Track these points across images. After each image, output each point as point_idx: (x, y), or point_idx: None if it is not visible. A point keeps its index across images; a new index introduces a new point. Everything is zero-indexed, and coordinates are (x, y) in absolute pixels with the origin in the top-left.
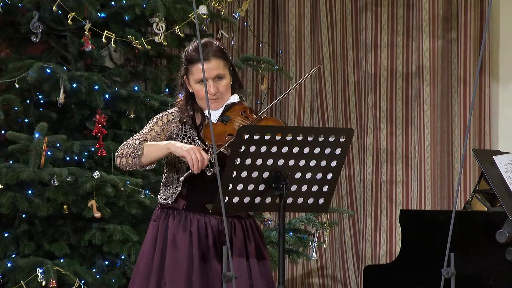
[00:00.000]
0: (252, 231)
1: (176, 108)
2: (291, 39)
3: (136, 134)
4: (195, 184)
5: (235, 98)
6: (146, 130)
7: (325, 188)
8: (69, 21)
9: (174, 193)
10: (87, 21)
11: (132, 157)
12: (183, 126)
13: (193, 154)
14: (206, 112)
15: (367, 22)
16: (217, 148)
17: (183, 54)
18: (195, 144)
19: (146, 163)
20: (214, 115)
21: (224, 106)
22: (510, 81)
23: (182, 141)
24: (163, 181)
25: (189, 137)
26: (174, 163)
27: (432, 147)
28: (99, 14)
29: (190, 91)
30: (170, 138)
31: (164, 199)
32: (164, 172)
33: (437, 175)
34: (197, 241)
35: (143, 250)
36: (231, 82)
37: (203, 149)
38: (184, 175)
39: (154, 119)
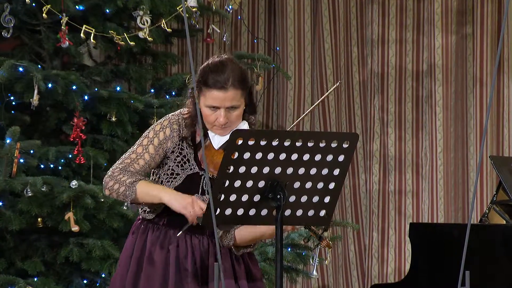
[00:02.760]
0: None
1: (176, 118)
2: (290, 34)
3: (128, 156)
4: None
5: (245, 127)
6: (140, 150)
7: (327, 199)
8: (44, 15)
9: (155, 210)
10: (64, 14)
11: (123, 197)
12: (180, 143)
13: (191, 209)
14: (210, 133)
15: (373, 16)
16: (215, 175)
17: (203, 66)
18: (189, 165)
19: (137, 204)
20: (218, 141)
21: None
22: None
23: (176, 159)
24: None
25: (184, 156)
26: (162, 181)
27: (445, 154)
28: (77, 7)
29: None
30: (165, 156)
31: (145, 212)
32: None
33: (451, 185)
34: (174, 260)
35: (120, 265)
36: (244, 107)
37: (196, 173)
38: (183, 230)
39: (151, 134)
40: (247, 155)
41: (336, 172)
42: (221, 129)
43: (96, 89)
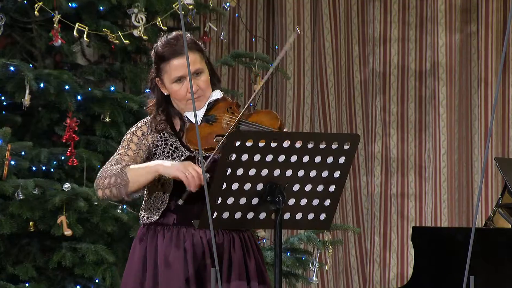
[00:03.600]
0: (252, 246)
1: (149, 118)
2: (289, 32)
3: (112, 158)
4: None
5: (217, 94)
6: (122, 151)
7: (327, 202)
8: (35, 12)
9: (159, 209)
10: (56, 12)
11: (117, 187)
12: (161, 135)
13: (187, 172)
14: (186, 114)
15: (375, 13)
16: (207, 153)
17: (152, 52)
18: (179, 152)
19: (133, 191)
20: (196, 115)
21: (206, 104)
22: None
23: (164, 151)
24: (145, 198)
25: (171, 145)
26: (158, 177)
27: (448, 156)
28: (70, 4)
29: (165, 93)
30: (150, 152)
31: (148, 218)
32: (146, 188)
33: (455, 187)
34: (192, 259)
35: (128, 276)
36: (209, 75)
37: (189, 156)
38: (183, 197)
39: (128, 136)
40: (245, 157)
41: (337, 174)
42: (195, 101)
43: (89, 89)
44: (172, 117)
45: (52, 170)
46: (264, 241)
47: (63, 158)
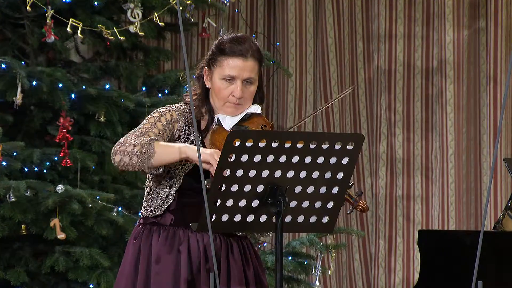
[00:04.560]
0: (250, 254)
1: (181, 104)
2: (290, 28)
3: (136, 130)
4: (186, 197)
5: (257, 108)
6: (148, 125)
7: (330, 204)
8: (28, 7)
9: (163, 203)
10: (49, 7)
11: (140, 157)
12: (187, 128)
13: (217, 159)
14: (218, 116)
15: (380, 9)
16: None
17: (216, 42)
18: None
19: (155, 167)
20: (230, 121)
21: (243, 114)
22: None
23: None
24: (148, 189)
25: (192, 141)
26: (170, 169)
27: (456, 156)
28: None
29: (207, 86)
30: (170, 140)
31: (151, 211)
32: (150, 179)
33: (463, 189)
34: (186, 262)
35: (121, 274)
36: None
37: None
38: (208, 182)
39: (156, 114)
40: (245, 158)
41: (340, 175)
42: (233, 107)
43: (83, 87)
44: (203, 112)
45: (45, 171)
46: (265, 245)
47: (56, 158)
